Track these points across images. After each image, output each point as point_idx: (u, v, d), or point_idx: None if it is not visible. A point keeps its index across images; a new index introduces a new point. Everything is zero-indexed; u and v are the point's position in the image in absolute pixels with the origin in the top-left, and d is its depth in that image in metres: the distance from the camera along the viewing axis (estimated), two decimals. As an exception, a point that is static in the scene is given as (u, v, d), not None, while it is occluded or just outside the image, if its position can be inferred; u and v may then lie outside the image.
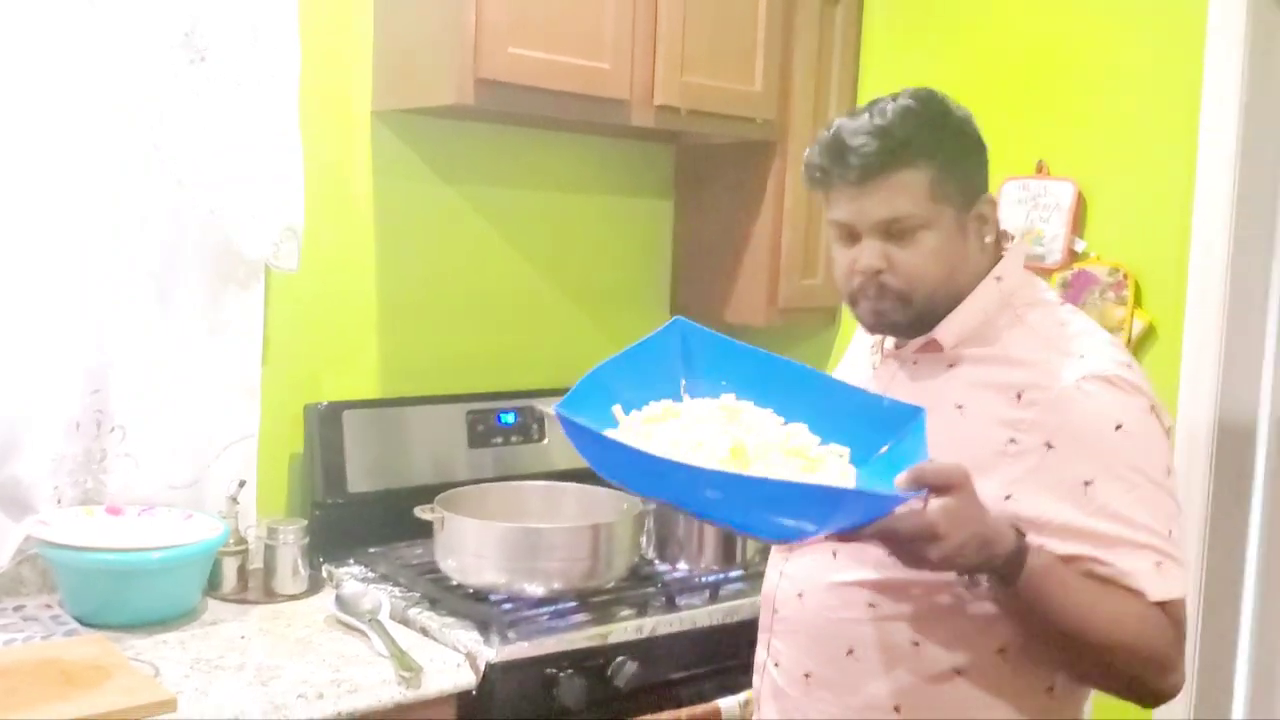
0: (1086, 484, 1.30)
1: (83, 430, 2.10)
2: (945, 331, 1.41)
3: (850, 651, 1.42)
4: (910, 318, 1.40)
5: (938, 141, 1.36)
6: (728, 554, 2.31)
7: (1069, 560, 1.29)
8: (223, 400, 2.21)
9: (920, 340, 1.43)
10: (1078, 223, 2.41)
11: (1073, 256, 2.41)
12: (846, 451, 1.27)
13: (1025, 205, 2.46)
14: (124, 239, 2.09)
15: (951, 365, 1.42)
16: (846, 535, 1.18)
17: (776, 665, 1.52)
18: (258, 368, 2.25)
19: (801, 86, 2.68)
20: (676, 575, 2.27)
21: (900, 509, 1.15)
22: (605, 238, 2.84)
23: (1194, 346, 2.25)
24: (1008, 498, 1.31)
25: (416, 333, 2.52)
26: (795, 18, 2.65)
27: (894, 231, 1.36)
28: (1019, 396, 1.34)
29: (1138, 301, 2.32)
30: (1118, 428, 1.31)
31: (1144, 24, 2.32)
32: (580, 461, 1.23)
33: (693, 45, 2.47)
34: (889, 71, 2.75)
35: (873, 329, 1.47)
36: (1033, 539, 1.28)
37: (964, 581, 1.29)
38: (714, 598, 2.20)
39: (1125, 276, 2.33)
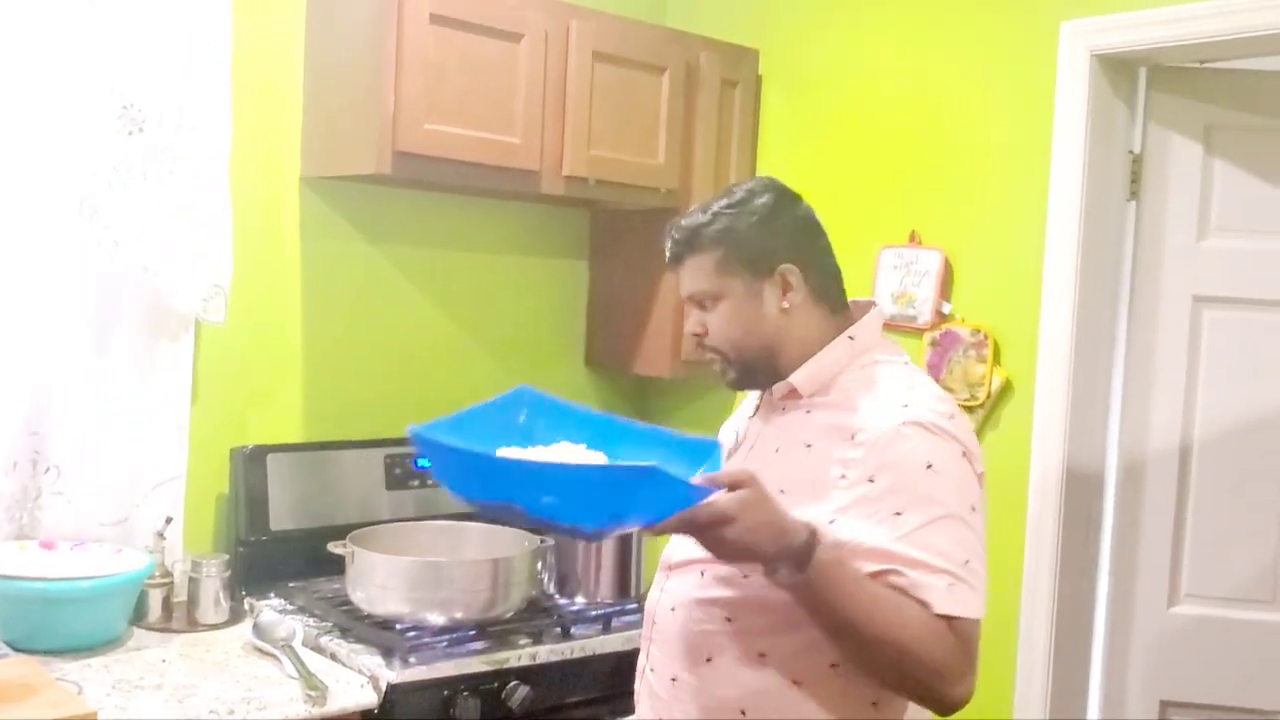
0: (897, 514, 1.49)
1: (19, 469, 2.27)
2: (799, 379, 1.64)
3: (709, 659, 1.61)
4: (739, 372, 1.65)
5: (726, 229, 1.62)
6: (622, 588, 2.50)
7: (875, 575, 1.48)
8: (152, 443, 2.39)
9: (784, 388, 1.66)
10: (945, 287, 2.65)
11: (940, 318, 2.64)
12: None
13: (900, 271, 2.70)
14: (62, 294, 2.28)
15: (808, 411, 1.64)
16: (656, 527, 1.39)
17: (652, 670, 1.71)
18: (186, 413, 2.43)
19: (702, 159, 2.91)
20: (573, 608, 2.46)
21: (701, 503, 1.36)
22: (523, 295, 3.05)
23: (1045, 400, 2.48)
24: (831, 522, 1.50)
25: (338, 381, 2.71)
26: (697, 97, 2.89)
27: (701, 303, 1.65)
28: (853, 437, 1.55)
29: (996, 359, 2.56)
30: (928, 467, 1.51)
31: (1002, 113, 2.57)
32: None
33: (599, 121, 2.69)
34: (782, 148, 2.99)
35: (729, 386, 1.71)
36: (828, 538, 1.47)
37: (767, 570, 1.46)
38: (606, 628, 2.38)
39: (986, 337, 2.56)
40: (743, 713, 1.58)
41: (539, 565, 2.45)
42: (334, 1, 2.52)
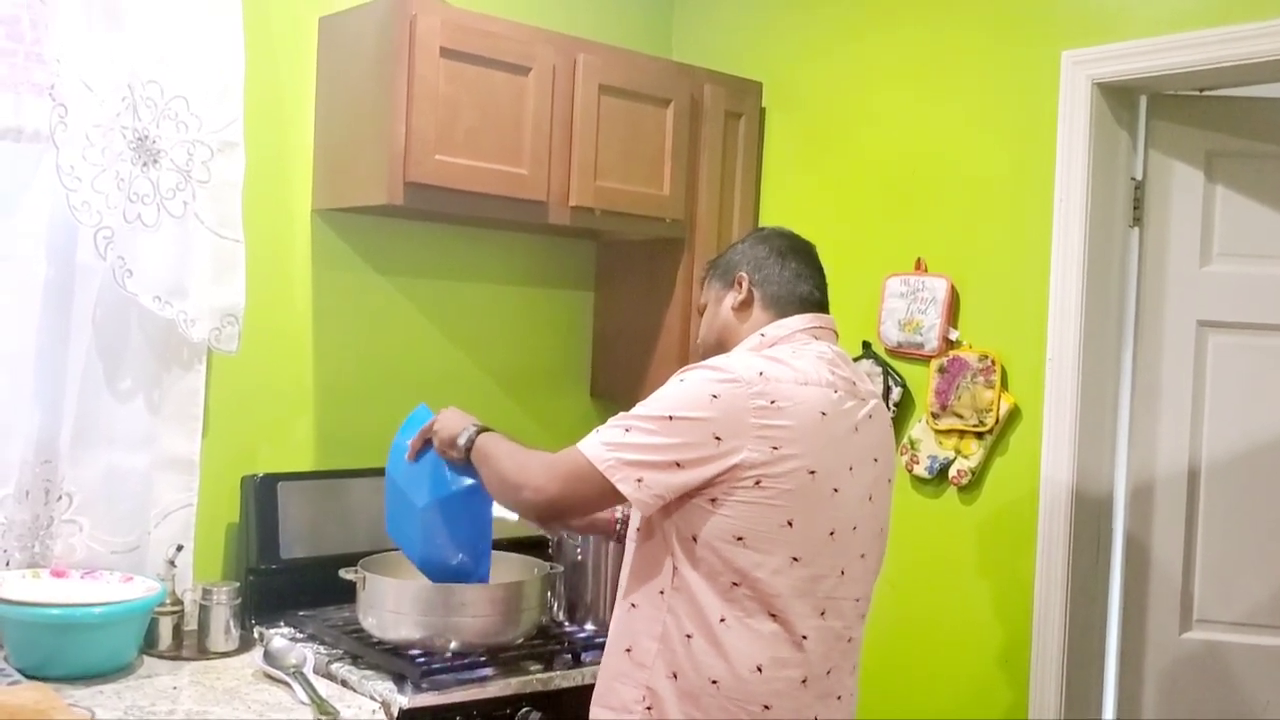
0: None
1: (31, 498, 2.28)
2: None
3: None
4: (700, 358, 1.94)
5: (713, 262, 2.05)
6: (632, 616, 2.49)
7: None
8: (164, 471, 2.39)
9: None
10: (952, 314, 2.66)
11: (948, 345, 2.66)
12: None
13: (906, 298, 2.72)
14: (76, 322, 2.30)
15: None
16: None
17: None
18: (198, 441, 2.44)
19: (707, 190, 2.94)
20: (583, 634, 2.46)
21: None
22: (530, 326, 3.07)
23: (1053, 424, 2.50)
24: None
25: (349, 410, 2.72)
26: (701, 129, 2.92)
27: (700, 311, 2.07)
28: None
29: (1004, 385, 2.57)
30: (681, 382, 1.81)
31: (1005, 142, 2.61)
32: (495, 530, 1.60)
33: (606, 153, 2.73)
34: (786, 178, 3.03)
35: None
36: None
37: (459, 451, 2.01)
38: (617, 655, 2.37)
39: (993, 362, 2.58)
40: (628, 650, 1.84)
41: (549, 592, 2.45)
42: (345, 35, 2.56)
